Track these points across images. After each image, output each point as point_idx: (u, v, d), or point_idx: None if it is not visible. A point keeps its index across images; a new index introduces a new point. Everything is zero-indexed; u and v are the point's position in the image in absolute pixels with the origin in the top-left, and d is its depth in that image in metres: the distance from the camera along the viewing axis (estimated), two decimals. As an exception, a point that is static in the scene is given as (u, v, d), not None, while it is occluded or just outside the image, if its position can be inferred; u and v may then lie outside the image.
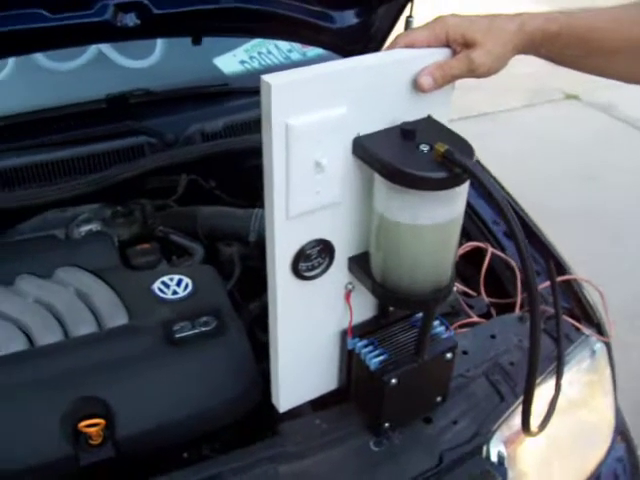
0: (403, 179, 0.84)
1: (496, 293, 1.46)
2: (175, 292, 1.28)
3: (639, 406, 1.84)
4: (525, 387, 0.95)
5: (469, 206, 1.58)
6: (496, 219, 1.57)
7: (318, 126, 0.85)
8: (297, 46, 1.93)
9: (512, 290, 1.45)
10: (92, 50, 1.71)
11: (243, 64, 1.86)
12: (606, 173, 3.92)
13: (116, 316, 1.23)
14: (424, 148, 0.86)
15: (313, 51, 1.91)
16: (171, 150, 1.62)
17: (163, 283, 1.29)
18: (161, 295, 1.27)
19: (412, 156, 0.85)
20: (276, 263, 0.94)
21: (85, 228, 1.46)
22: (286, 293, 0.98)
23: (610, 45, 0.97)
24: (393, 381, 1.02)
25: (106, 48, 1.72)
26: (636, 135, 4.43)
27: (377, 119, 0.91)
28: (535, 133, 4.37)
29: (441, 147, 0.83)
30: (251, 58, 1.87)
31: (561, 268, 1.45)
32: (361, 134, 0.90)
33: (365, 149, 0.88)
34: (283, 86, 0.80)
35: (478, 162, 1.65)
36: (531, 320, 0.90)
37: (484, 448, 1.13)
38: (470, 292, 1.46)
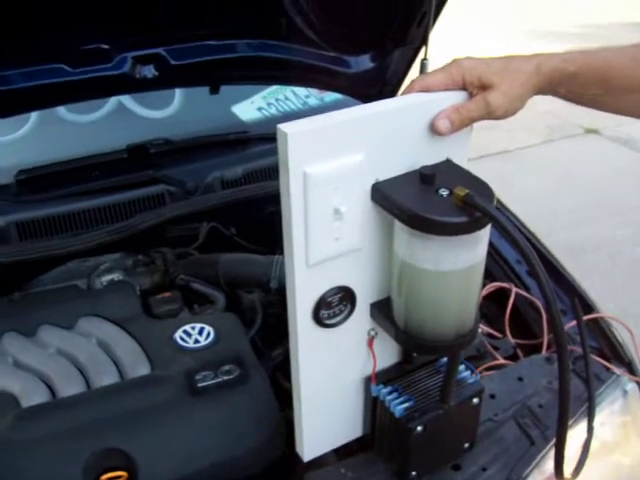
0: (423, 225, 0.83)
1: (522, 334, 1.43)
2: (197, 341, 1.27)
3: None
4: (557, 431, 0.92)
5: (491, 246, 1.57)
6: (519, 258, 1.55)
7: (336, 173, 0.85)
8: (314, 91, 1.95)
9: (538, 331, 1.43)
10: (112, 101, 1.74)
11: (261, 111, 1.88)
12: (629, 207, 3.88)
13: (138, 366, 1.22)
14: (443, 192, 0.86)
15: (330, 96, 1.93)
16: (191, 198, 1.63)
17: (185, 332, 1.29)
18: (183, 344, 1.26)
19: (432, 201, 0.85)
20: (297, 312, 0.93)
21: (107, 278, 1.47)
22: (307, 341, 0.97)
23: (630, 84, 0.97)
24: (419, 428, 1.00)
25: (126, 99, 1.75)
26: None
27: (395, 164, 0.91)
28: (555, 169, 4.36)
29: (461, 191, 0.82)
30: (269, 105, 1.89)
31: (588, 306, 1.43)
32: (380, 180, 0.90)
33: (384, 195, 0.88)
34: (300, 134, 0.80)
35: (499, 202, 1.65)
36: (559, 360, 0.88)
37: (515, 495, 1.10)
38: (495, 333, 1.44)
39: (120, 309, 1.35)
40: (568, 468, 1.02)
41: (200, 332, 1.29)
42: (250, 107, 1.88)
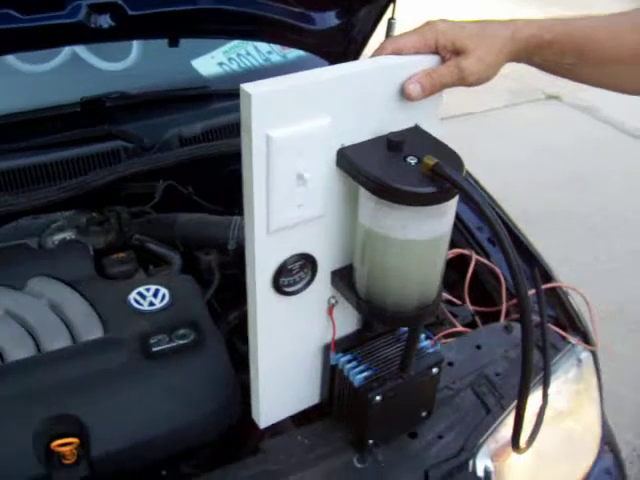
0: (390, 194, 0.80)
1: (481, 301, 1.43)
2: (152, 303, 1.24)
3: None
4: (517, 405, 0.92)
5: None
6: (480, 225, 1.54)
7: (301, 137, 0.81)
8: (277, 48, 1.89)
9: (497, 298, 1.43)
10: (66, 52, 1.65)
11: (222, 66, 1.82)
12: (588, 176, 3.92)
13: (91, 329, 1.18)
14: (412, 160, 0.83)
15: (293, 53, 1.87)
16: (148, 155, 1.58)
17: (139, 294, 1.25)
18: (137, 306, 1.23)
19: (399, 169, 0.82)
20: (256, 279, 0.90)
21: (59, 236, 1.42)
22: (266, 308, 0.95)
23: (607, 54, 0.95)
24: (377, 398, 0.99)
25: (81, 50, 1.67)
26: (618, 138, 4.44)
27: (363, 129, 0.87)
28: (517, 134, 4.37)
29: (430, 160, 0.79)
30: (230, 60, 1.83)
31: (547, 275, 1.44)
32: (346, 145, 0.86)
33: (350, 161, 0.85)
34: (264, 96, 0.77)
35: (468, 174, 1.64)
36: (523, 331, 0.87)
37: (470, 463, 1.11)
38: (454, 300, 1.43)
39: (72, 269, 1.30)
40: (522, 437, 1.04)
41: (155, 294, 1.26)
42: (211, 62, 1.81)
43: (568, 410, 1.29)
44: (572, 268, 2.91)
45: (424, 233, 0.85)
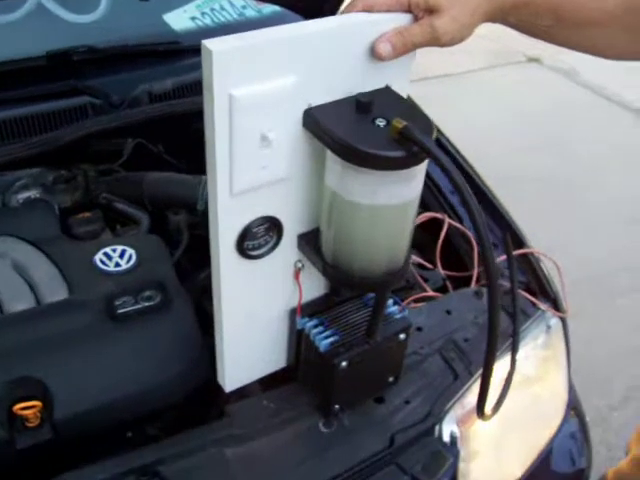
0: (356, 157, 0.78)
1: (452, 266, 1.42)
2: (118, 264, 1.21)
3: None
4: (482, 373, 0.91)
5: (427, 175, 1.54)
6: (453, 190, 1.53)
7: (265, 97, 0.78)
8: (252, 3, 1.83)
9: (469, 263, 1.42)
10: (31, 2, 1.59)
11: (194, 21, 1.76)
12: (567, 140, 3.92)
13: (55, 290, 1.16)
14: (380, 123, 0.80)
15: (268, 8, 1.82)
16: (116, 112, 1.53)
17: (105, 254, 1.23)
18: (103, 267, 1.20)
19: (367, 132, 0.79)
20: (219, 242, 0.88)
21: (23, 195, 1.38)
22: (230, 272, 0.93)
23: (584, 16, 0.92)
24: (343, 364, 0.98)
25: (47, 0, 1.60)
26: (598, 102, 4.43)
27: (331, 89, 0.84)
28: (496, 96, 4.34)
29: (399, 123, 0.77)
30: (203, 14, 1.78)
31: (518, 240, 1.43)
32: (313, 105, 0.84)
33: (316, 122, 0.82)
34: (227, 53, 0.73)
35: (439, 135, 1.61)
36: (489, 301, 0.86)
37: (436, 428, 1.11)
38: (426, 264, 1.42)
39: (37, 229, 1.27)
40: (488, 404, 1.04)
41: (121, 255, 1.23)
42: (183, 16, 1.76)
43: (535, 376, 1.29)
44: (547, 233, 2.94)
45: (392, 198, 0.83)
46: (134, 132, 1.54)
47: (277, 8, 1.78)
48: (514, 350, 1.15)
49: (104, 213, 1.38)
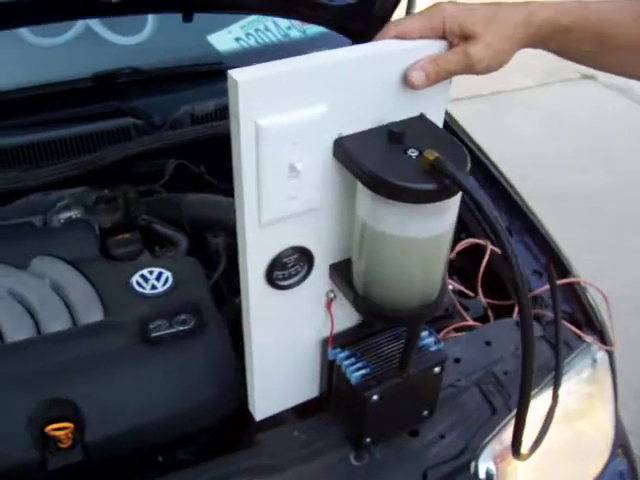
0: (386, 189, 0.76)
1: (495, 294, 1.38)
2: (154, 287, 1.21)
3: None
4: (517, 411, 0.88)
5: (470, 199, 1.50)
6: (498, 215, 1.49)
7: (293, 126, 0.77)
8: (297, 23, 1.83)
9: (511, 291, 1.37)
10: (80, 25, 1.62)
11: (239, 41, 1.77)
12: (619, 159, 3.80)
13: (91, 311, 1.17)
14: (412, 154, 0.78)
15: (313, 29, 1.82)
16: (159, 133, 1.54)
17: (142, 277, 1.23)
18: (139, 289, 1.21)
19: (398, 163, 0.77)
20: (248, 272, 0.87)
21: (64, 215, 1.39)
22: (260, 302, 0.91)
23: (630, 42, 0.87)
24: (375, 397, 0.96)
25: (94, 24, 1.63)
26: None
27: (363, 118, 0.83)
28: (549, 113, 4.24)
29: (431, 155, 0.74)
30: (247, 35, 1.78)
31: (563, 268, 1.38)
32: (344, 135, 0.82)
33: (346, 152, 0.80)
34: (253, 83, 0.72)
35: (483, 157, 1.57)
36: (523, 340, 0.82)
37: (472, 464, 1.07)
38: (467, 292, 1.39)
39: (76, 249, 1.28)
40: (525, 442, 0.99)
41: (158, 277, 1.23)
42: (227, 37, 1.77)
43: (579, 412, 1.24)
44: (597, 255, 2.85)
45: (424, 231, 0.80)
46: (176, 153, 1.55)
47: (322, 29, 1.77)
48: (556, 385, 1.11)
49: (143, 234, 1.39)
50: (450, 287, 1.38)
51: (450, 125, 1.69)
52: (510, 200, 1.51)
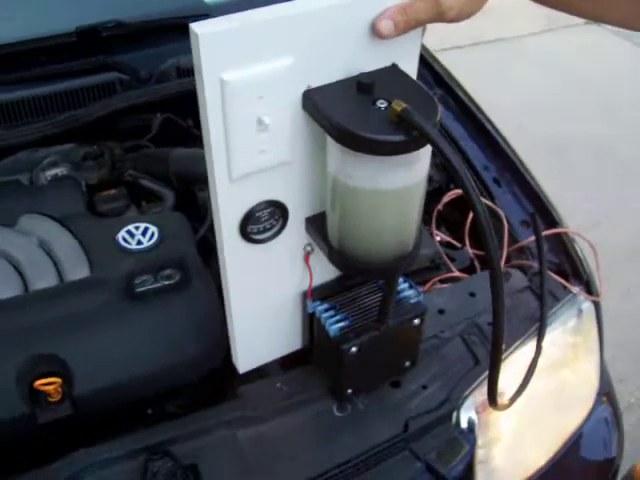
0: (354, 142, 0.74)
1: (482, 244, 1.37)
2: (140, 242, 1.21)
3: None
4: (490, 360, 0.88)
5: (459, 150, 1.49)
6: (487, 164, 1.48)
7: (259, 80, 0.76)
8: (285, -28, 1.78)
9: (499, 242, 1.37)
10: (61, -22, 1.59)
11: (226, -9, 1.73)
12: (625, 106, 3.74)
13: (77, 268, 1.17)
14: (381, 105, 0.77)
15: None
16: (145, 87, 1.52)
17: (128, 232, 1.23)
18: (125, 245, 1.20)
19: (366, 114, 0.76)
20: (222, 227, 0.87)
21: (51, 172, 1.39)
22: (235, 256, 0.91)
23: None
24: (353, 350, 0.96)
25: (76, -25, 1.60)
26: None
27: (332, 69, 0.81)
28: (552, 61, 4.17)
29: (398, 106, 0.73)
30: (235, -15, 1.73)
31: (552, 219, 1.37)
32: (312, 86, 0.80)
33: (315, 104, 0.79)
34: (215, 36, 0.71)
35: (469, 99, 1.55)
36: (492, 286, 0.82)
37: (454, 414, 1.08)
38: (455, 243, 1.38)
39: (63, 206, 1.28)
40: (508, 392, 1.00)
41: (144, 233, 1.23)
42: (214, -13, 1.73)
43: (563, 361, 1.25)
44: (596, 203, 2.83)
45: (394, 183, 0.79)
46: (163, 107, 1.53)
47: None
48: (540, 335, 1.12)
49: (130, 190, 1.39)
50: (437, 238, 1.37)
51: (441, 75, 1.67)
52: (501, 151, 1.50)
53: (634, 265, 2.52)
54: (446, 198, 1.40)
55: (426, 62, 1.67)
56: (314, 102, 0.79)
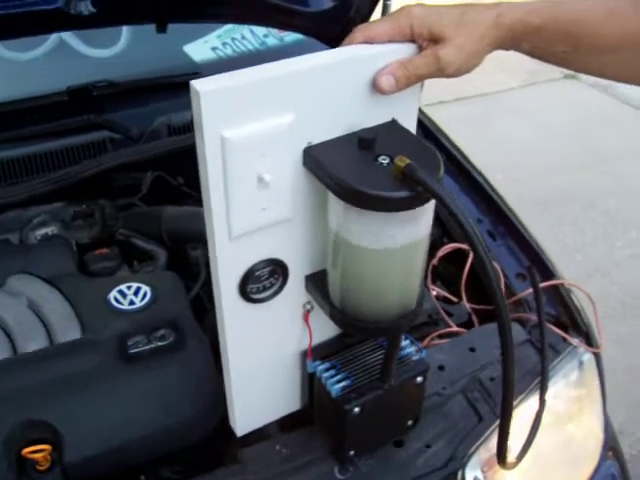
0: (357, 198, 0.74)
1: (479, 298, 1.36)
2: (132, 302, 1.19)
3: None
4: (500, 420, 0.86)
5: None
6: (480, 217, 1.48)
7: (260, 137, 0.75)
8: (274, 31, 1.81)
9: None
10: (53, 39, 1.60)
11: (215, 51, 1.75)
12: (606, 158, 3.81)
13: (68, 329, 1.15)
14: (384, 160, 0.76)
15: (290, 36, 1.80)
16: (135, 145, 1.52)
17: (120, 292, 1.21)
18: (117, 305, 1.18)
19: (369, 171, 0.75)
20: (221, 287, 0.85)
21: (41, 231, 1.37)
22: (234, 317, 0.89)
23: (601, 42, 0.85)
24: (356, 410, 0.93)
25: (68, 36, 1.61)
26: (637, 116, 4.30)
27: (332, 125, 0.81)
28: (533, 114, 4.24)
29: (401, 162, 0.72)
30: (224, 44, 1.76)
31: (548, 271, 1.36)
32: (313, 143, 0.80)
33: (316, 161, 0.78)
34: (215, 93, 0.70)
35: (459, 151, 1.56)
36: (502, 346, 0.81)
37: (459, 474, 1.05)
38: (451, 298, 1.37)
39: (53, 266, 1.26)
40: (513, 449, 0.98)
41: (136, 292, 1.21)
42: (204, 47, 1.75)
43: (568, 415, 1.22)
44: (586, 255, 2.84)
45: (397, 239, 0.78)
46: (154, 165, 1.53)
47: (300, 36, 1.75)
48: (542, 389, 1.10)
49: (122, 249, 1.37)
50: (434, 293, 1.36)
51: (431, 130, 1.68)
52: (493, 204, 1.50)
53: (629, 316, 2.52)
54: (441, 252, 1.39)
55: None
56: (315, 159, 0.78)
